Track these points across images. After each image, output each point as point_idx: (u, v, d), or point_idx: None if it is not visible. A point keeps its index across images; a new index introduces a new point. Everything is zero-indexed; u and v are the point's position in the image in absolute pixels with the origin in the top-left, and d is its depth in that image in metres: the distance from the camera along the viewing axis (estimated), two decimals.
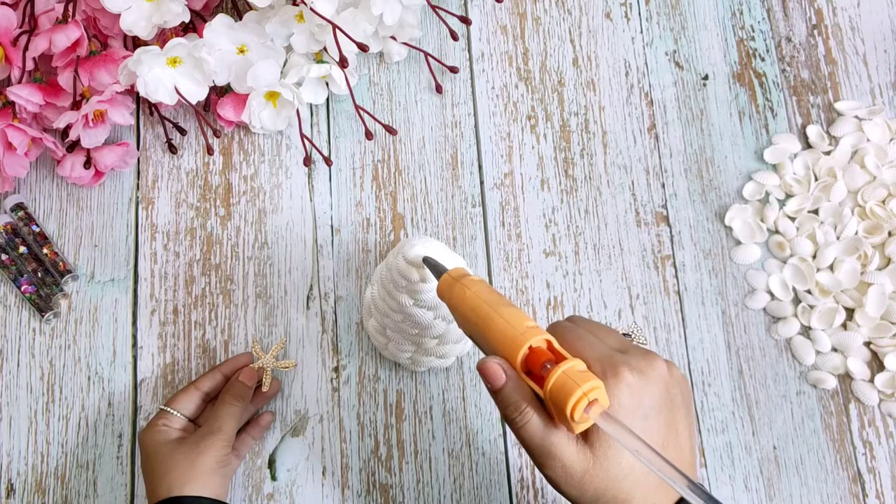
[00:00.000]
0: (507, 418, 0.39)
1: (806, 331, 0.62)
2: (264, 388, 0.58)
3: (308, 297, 0.63)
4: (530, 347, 0.38)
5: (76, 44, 0.61)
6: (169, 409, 0.55)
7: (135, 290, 0.63)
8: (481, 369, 0.39)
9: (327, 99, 0.68)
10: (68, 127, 0.61)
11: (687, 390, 0.40)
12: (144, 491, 0.53)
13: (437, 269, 0.46)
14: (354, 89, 0.67)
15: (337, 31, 0.60)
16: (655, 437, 0.37)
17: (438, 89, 0.68)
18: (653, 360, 0.38)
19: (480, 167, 0.66)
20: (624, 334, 0.39)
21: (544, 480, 0.59)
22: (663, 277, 0.64)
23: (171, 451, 0.52)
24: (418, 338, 0.55)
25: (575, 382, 0.35)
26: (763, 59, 0.69)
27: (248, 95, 0.64)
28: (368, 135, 0.66)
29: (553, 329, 0.41)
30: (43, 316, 0.62)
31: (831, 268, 0.63)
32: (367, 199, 0.65)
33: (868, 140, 0.66)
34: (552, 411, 0.37)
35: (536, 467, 0.40)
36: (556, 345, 0.38)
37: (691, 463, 0.39)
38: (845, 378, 0.61)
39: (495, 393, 0.39)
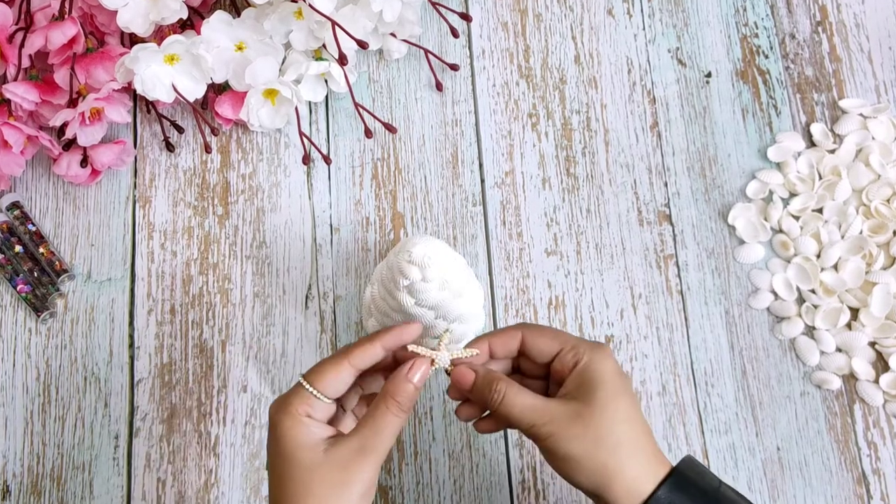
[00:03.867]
0: (490, 405, 0.44)
1: (810, 331, 0.62)
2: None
3: (307, 297, 0.63)
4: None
5: (73, 41, 0.61)
6: (313, 391, 0.44)
7: (132, 290, 0.64)
8: (456, 376, 0.46)
9: (326, 97, 0.68)
10: (65, 125, 0.61)
11: None
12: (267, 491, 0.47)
13: None
14: (354, 87, 0.67)
15: (336, 27, 0.61)
16: (638, 407, 0.44)
17: (439, 87, 0.68)
18: None
19: (481, 165, 0.67)
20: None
21: (545, 482, 0.59)
22: (666, 277, 0.64)
23: (314, 466, 0.42)
24: (420, 339, 0.54)
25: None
26: (767, 57, 0.69)
27: (246, 93, 0.64)
28: (368, 133, 0.66)
29: (525, 324, 0.47)
30: (39, 316, 0.63)
31: (836, 267, 0.63)
32: (367, 198, 0.66)
33: (873, 138, 0.66)
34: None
35: (533, 441, 0.43)
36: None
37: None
38: (850, 379, 0.61)
39: (472, 392, 0.45)
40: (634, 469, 0.41)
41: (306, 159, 0.67)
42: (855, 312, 0.62)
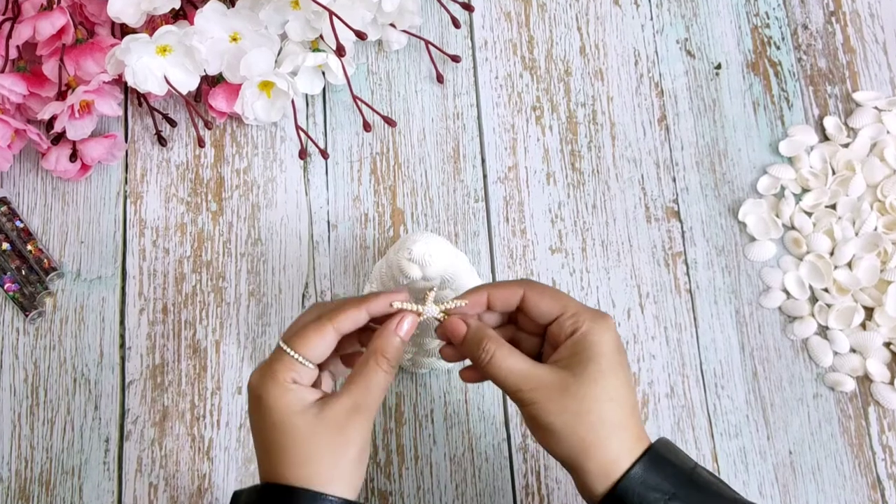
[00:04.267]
0: (476, 361, 0.44)
1: (823, 331, 0.62)
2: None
3: (303, 296, 0.63)
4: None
5: (62, 31, 0.61)
6: (296, 356, 0.43)
7: (122, 289, 0.63)
8: (448, 327, 0.45)
9: (324, 89, 0.68)
10: (53, 118, 0.61)
11: None
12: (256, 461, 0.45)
13: None
14: (352, 79, 0.67)
15: (334, 18, 0.60)
16: (630, 377, 0.44)
17: (439, 79, 0.68)
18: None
19: (483, 160, 0.66)
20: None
21: (550, 487, 0.59)
22: (674, 275, 0.64)
23: (310, 432, 0.42)
24: (419, 338, 0.55)
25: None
26: (778, 48, 0.69)
27: (240, 85, 0.64)
28: (366, 126, 0.66)
29: (530, 282, 0.46)
30: (27, 315, 0.62)
31: (849, 265, 0.62)
32: (365, 194, 0.65)
33: (888, 132, 0.65)
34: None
35: (516, 404, 0.43)
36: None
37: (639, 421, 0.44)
38: (864, 380, 0.61)
39: (462, 345, 0.45)
40: (613, 449, 0.42)
41: (303, 154, 0.66)
42: (869, 312, 0.62)
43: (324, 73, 0.66)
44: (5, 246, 0.64)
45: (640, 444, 0.42)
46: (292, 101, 0.65)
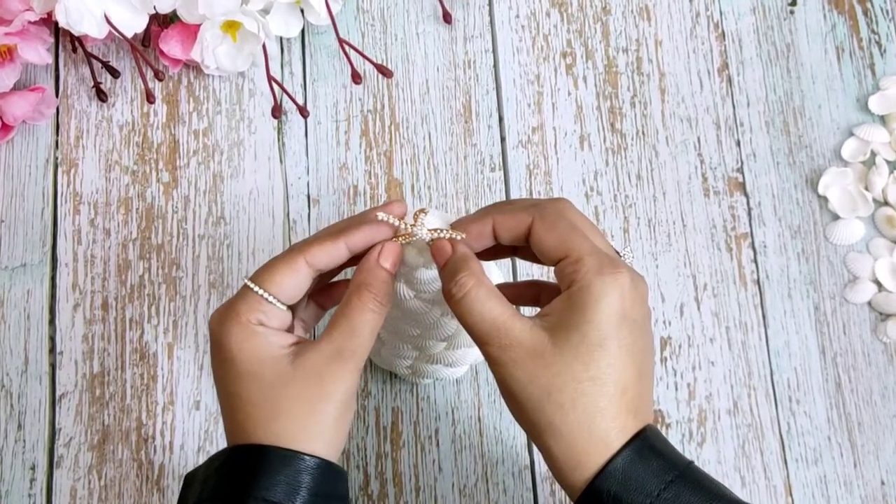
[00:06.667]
0: (447, 295, 0.42)
1: None
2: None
3: None
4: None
5: None
6: (263, 293, 0.42)
7: (52, 279, 0.61)
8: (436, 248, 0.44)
9: (302, 31, 0.65)
10: None
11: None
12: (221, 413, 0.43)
13: None
14: (338, 18, 0.63)
15: None
16: (637, 357, 0.40)
17: (446, 18, 0.65)
18: (643, 281, 0.41)
19: (501, 120, 0.64)
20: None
21: None
22: (738, 262, 0.61)
23: (282, 382, 0.41)
24: (421, 340, 0.52)
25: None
26: None
27: (199, 26, 0.61)
28: (356, 77, 0.64)
29: (542, 208, 0.43)
30: None
31: None
32: (354, 161, 0.63)
33: None
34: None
35: (485, 357, 0.42)
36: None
37: (650, 409, 0.42)
38: None
39: (441, 272, 0.43)
40: (583, 438, 0.39)
41: (277, 111, 0.64)
42: None
43: (302, 12, 0.63)
44: None
45: (623, 437, 0.40)
46: (263, 46, 0.62)
